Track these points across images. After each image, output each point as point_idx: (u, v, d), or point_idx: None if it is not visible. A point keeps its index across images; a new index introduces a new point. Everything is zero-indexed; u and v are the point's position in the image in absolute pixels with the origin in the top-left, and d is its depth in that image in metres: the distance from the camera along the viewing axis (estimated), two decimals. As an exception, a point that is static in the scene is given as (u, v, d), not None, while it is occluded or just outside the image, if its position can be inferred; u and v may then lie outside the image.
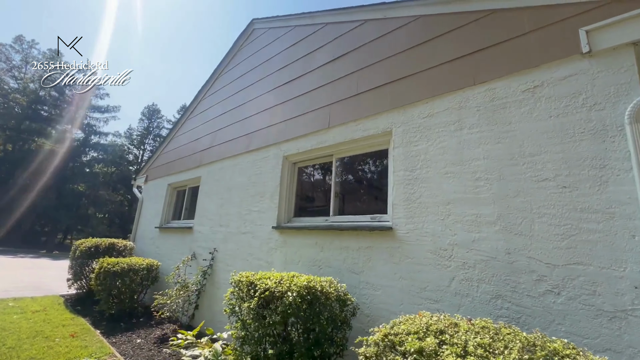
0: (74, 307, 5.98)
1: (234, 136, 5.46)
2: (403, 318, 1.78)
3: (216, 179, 5.57)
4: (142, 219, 7.90)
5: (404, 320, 1.72)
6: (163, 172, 7.54)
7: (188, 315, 4.88)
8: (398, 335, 1.56)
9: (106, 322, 5.11)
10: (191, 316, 4.89)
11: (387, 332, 1.60)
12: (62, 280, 7.98)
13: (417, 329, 1.57)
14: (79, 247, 6.60)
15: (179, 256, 5.89)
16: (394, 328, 1.65)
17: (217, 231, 5.13)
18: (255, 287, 2.59)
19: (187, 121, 7.36)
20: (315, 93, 4.16)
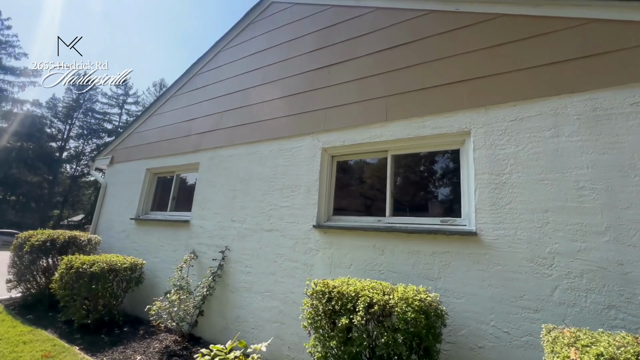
0: (24, 315, 4.81)
1: (249, 120, 4.83)
2: (585, 335, 1.63)
3: (224, 167, 4.89)
4: (107, 208, 6.69)
5: (590, 340, 1.58)
6: (139, 155, 6.45)
7: (190, 323, 4.22)
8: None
9: (81, 335, 4.19)
10: (193, 324, 4.24)
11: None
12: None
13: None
14: (29, 240, 5.31)
15: (169, 254, 5.09)
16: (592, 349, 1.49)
17: (228, 227, 4.52)
18: (355, 299, 2.24)
19: (173, 98, 6.37)
20: (365, 82, 3.84)
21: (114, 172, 6.94)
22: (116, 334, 4.32)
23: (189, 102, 5.93)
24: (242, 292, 4.09)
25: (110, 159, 7.05)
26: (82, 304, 4.41)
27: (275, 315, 3.73)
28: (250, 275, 4.09)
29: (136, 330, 4.50)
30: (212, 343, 4.06)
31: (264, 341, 3.62)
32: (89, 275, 4.34)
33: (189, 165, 5.55)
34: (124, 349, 3.85)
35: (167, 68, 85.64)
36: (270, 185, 4.28)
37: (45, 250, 5.26)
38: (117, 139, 7.20)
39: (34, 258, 5.27)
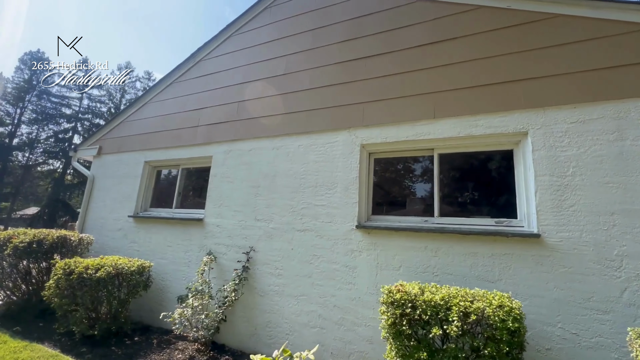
0: (9, 327, 4.24)
1: (272, 111, 4.52)
2: None
3: (244, 162, 4.55)
4: (97, 203, 6.05)
5: None
6: (135, 145, 5.86)
7: (204, 329, 3.89)
8: None
9: (88, 348, 3.75)
10: (215, 330, 3.93)
11: None
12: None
13: None
14: (10, 242, 4.66)
15: (180, 255, 4.70)
16: None
17: (252, 226, 4.23)
18: (445, 308, 2.12)
19: (175, 85, 5.83)
20: (409, 76, 3.69)
21: (103, 164, 6.28)
22: (127, 345, 3.92)
23: (196, 90, 5.45)
24: (273, 296, 3.85)
25: (97, 150, 6.36)
26: (85, 313, 3.95)
27: (314, 320, 3.55)
28: (281, 278, 3.86)
29: (149, 340, 4.11)
30: (240, 351, 3.82)
31: (302, 347, 3.45)
32: (95, 281, 3.88)
33: (198, 158, 5.12)
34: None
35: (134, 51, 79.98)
36: (301, 182, 4.04)
37: (31, 252, 4.64)
38: (105, 128, 6.51)
39: (17, 262, 4.63)
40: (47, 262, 4.87)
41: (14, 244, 4.58)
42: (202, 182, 5.46)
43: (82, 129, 36.05)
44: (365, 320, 3.29)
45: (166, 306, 4.61)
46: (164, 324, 4.51)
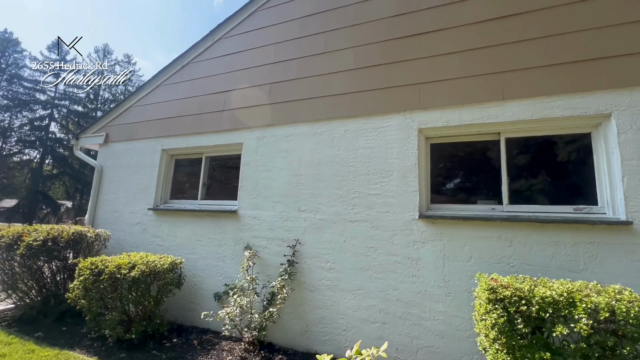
0: (29, 333, 3.88)
1: (311, 94, 4.18)
2: None
3: (282, 149, 4.23)
4: (108, 196, 5.59)
5: None
6: (149, 132, 5.40)
7: (254, 328, 3.66)
8: None
9: (126, 353, 3.47)
10: (260, 328, 3.68)
11: None
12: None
13: None
14: (22, 240, 4.21)
15: (212, 249, 4.39)
16: None
17: (296, 217, 3.96)
18: (568, 304, 1.96)
19: (192, 65, 5.34)
20: (471, 55, 3.43)
21: (111, 152, 5.78)
22: (168, 348, 3.64)
23: (219, 70, 5.01)
24: (325, 291, 3.64)
25: (104, 137, 5.83)
26: (120, 316, 3.62)
27: (374, 315, 3.37)
28: (333, 272, 3.64)
29: (189, 341, 3.84)
30: (291, 349, 3.63)
31: (362, 343, 3.28)
32: (130, 281, 3.54)
33: (225, 146, 4.75)
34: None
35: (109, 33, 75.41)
36: (350, 170, 3.77)
37: (47, 251, 4.22)
38: (111, 113, 5.96)
39: (32, 262, 4.20)
40: (61, 261, 4.47)
41: (27, 242, 4.14)
42: (228, 171, 5.11)
43: (59, 116, 34.02)
44: (433, 314, 3.13)
45: (200, 304, 4.34)
46: (199, 323, 4.25)
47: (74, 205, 32.69)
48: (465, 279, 3.07)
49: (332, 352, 3.48)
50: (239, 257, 4.21)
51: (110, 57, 39.23)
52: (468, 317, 3.00)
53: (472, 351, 2.95)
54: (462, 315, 3.03)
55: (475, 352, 2.94)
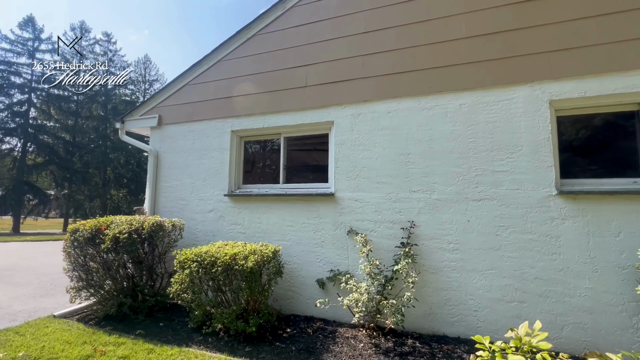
0: (130, 332, 3.62)
1: (416, 65, 3.89)
2: None
3: (383, 127, 3.97)
4: (168, 183, 5.21)
5: None
6: (215, 112, 4.98)
7: (370, 313, 3.54)
8: None
9: (252, 347, 3.30)
10: (374, 313, 3.56)
11: None
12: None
13: None
14: (104, 234, 3.87)
15: (308, 235, 4.19)
16: None
17: (407, 198, 3.77)
18: None
19: (258, 37, 4.87)
20: (608, 20, 3.22)
21: (167, 136, 5.34)
22: (288, 339, 3.47)
23: (295, 42, 4.59)
24: (449, 272, 3.53)
25: (157, 119, 5.36)
26: (238, 310, 3.41)
27: (510, 294, 3.29)
28: (457, 253, 3.52)
29: (303, 330, 3.68)
30: (415, 332, 3.54)
31: (496, 322, 3.25)
32: (249, 272, 3.31)
33: (310, 125, 4.43)
34: (334, 358, 3.07)
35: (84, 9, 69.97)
36: (470, 146, 3.58)
37: (131, 244, 3.89)
38: (162, 93, 5.46)
39: (120, 257, 3.87)
40: (144, 254, 4.16)
41: (112, 235, 3.80)
42: (308, 152, 4.81)
43: (39, 101, 31.75)
44: (579, 290, 3.08)
45: (298, 291, 4.16)
46: (300, 310, 4.11)
47: (65, 195, 31.24)
48: (614, 254, 3.01)
49: (463, 333, 3.42)
50: (341, 242, 4.02)
51: (88, 35, 36.47)
52: (619, 293, 2.96)
53: (625, 325, 2.93)
54: (613, 290, 2.98)
55: (629, 326, 2.92)
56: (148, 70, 44.68)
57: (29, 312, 4.29)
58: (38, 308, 4.46)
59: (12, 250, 11.19)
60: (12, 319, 4.03)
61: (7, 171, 28.80)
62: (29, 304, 4.67)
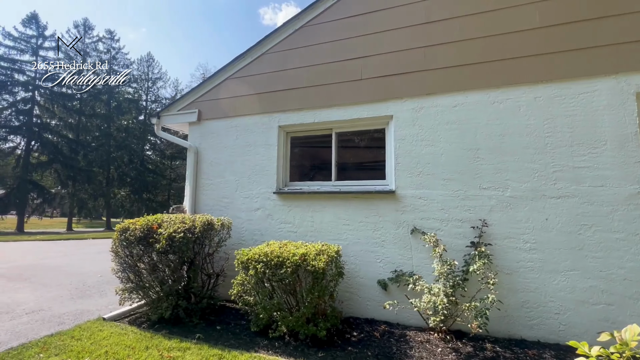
0: (189, 336, 3.44)
1: (483, 58, 3.72)
2: None
3: (448, 121, 3.80)
4: (210, 180, 5.03)
5: None
6: (260, 107, 4.80)
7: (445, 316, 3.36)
8: None
9: (326, 352, 3.10)
10: (450, 316, 3.37)
11: None
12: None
13: None
14: (157, 233, 3.68)
15: (367, 234, 4.03)
16: None
17: (476, 196, 3.61)
18: None
19: (306, 29, 4.69)
20: None
21: (207, 131, 5.15)
22: (359, 343, 3.30)
23: (348, 34, 4.41)
24: (525, 273, 3.37)
25: (196, 114, 5.17)
26: (308, 312, 3.23)
27: (595, 296, 3.13)
28: (535, 253, 3.35)
29: (370, 335, 3.51)
30: (492, 337, 3.37)
31: (580, 325, 3.09)
32: (320, 273, 3.14)
33: (366, 120, 4.25)
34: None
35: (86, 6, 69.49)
36: (546, 141, 3.42)
37: (186, 243, 3.71)
38: (201, 88, 5.27)
39: (176, 256, 3.69)
40: (196, 254, 3.99)
41: (167, 235, 3.62)
42: (361, 148, 4.64)
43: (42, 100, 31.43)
44: (675, 292, 2.92)
45: (356, 292, 4.00)
46: (360, 313, 3.95)
47: (69, 193, 30.95)
48: None
49: (543, 337, 3.27)
50: (403, 242, 3.85)
51: (92, 33, 36.14)
52: None
53: None
54: None
55: None
56: (151, 68, 44.44)
57: (73, 314, 4.11)
58: (81, 310, 4.27)
59: (26, 249, 10.98)
60: (59, 322, 3.84)
61: (11, 170, 28.49)
62: (69, 305, 4.49)
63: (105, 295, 5.01)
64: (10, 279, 6.10)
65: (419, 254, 3.76)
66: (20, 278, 6.17)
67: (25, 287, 5.45)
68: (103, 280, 6.10)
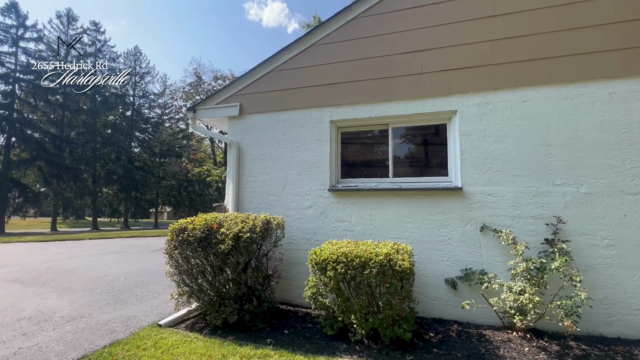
0: (259, 342, 3.27)
1: (553, 53, 3.67)
2: None
3: (518, 117, 3.74)
4: (254, 177, 4.81)
5: None
6: (311, 101, 4.61)
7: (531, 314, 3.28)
8: None
9: (414, 356, 2.99)
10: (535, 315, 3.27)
11: None
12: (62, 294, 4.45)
13: None
14: (229, 231, 3.47)
15: (432, 232, 3.94)
16: None
17: (549, 192, 3.56)
18: None
19: (360, 20, 4.52)
20: None
21: (250, 126, 4.92)
22: (439, 344, 3.20)
23: (407, 26, 4.28)
24: (603, 270, 3.36)
25: (238, 108, 4.93)
26: (394, 315, 3.11)
27: (677, 292, 3.15)
28: (613, 249, 3.35)
29: (446, 335, 3.42)
30: (571, 335, 3.34)
31: None
32: (407, 273, 3.03)
33: (427, 115, 4.14)
34: (512, 363, 2.83)
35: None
36: (623, 137, 3.41)
37: (251, 243, 3.51)
38: (243, 80, 5.02)
39: (242, 257, 3.48)
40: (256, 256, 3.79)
41: (231, 235, 3.40)
42: (416, 144, 4.53)
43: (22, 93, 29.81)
44: None
45: (421, 292, 3.91)
46: (428, 312, 3.90)
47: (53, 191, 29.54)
48: None
49: (623, 333, 3.27)
50: (472, 239, 3.78)
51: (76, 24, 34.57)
52: None
53: None
54: None
55: None
56: (138, 63, 43.05)
57: (120, 321, 3.83)
58: (127, 316, 4.00)
59: (22, 251, 10.36)
60: (108, 330, 3.57)
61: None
62: (110, 311, 4.19)
63: (144, 300, 4.72)
64: (26, 283, 5.69)
65: (489, 252, 3.70)
66: (37, 282, 5.76)
67: (50, 292, 5.08)
68: (130, 283, 5.78)
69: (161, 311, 4.20)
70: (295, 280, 4.36)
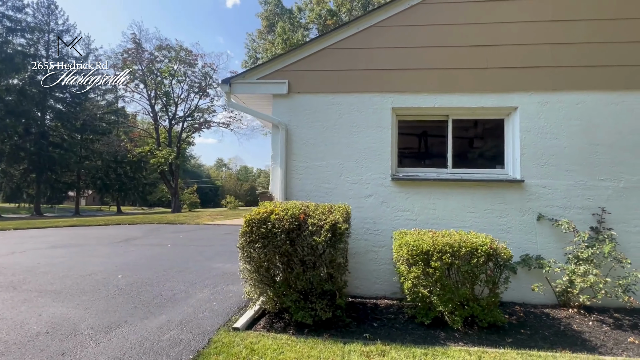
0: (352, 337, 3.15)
1: (606, 62, 4.09)
2: None
3: (572, 117, 4.11)
4: (305, 163, 4.45)
5: None
6: (372, 85, 4.39)
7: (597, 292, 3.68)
8: None
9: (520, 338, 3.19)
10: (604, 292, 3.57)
11: None
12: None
13: None
14: (323, 223, 3.18)
15: (492, 220, 4.20)
16: None
17: (595, 186, 4.05)
18: None
19: (425, 5, 4.41)
20: None
21: (299, 106, 4.51)
22: (518, 325, 3.46)
23: (474, 18, 4.29)
24: (635, 252, 3.96)
25: (286, 86, 4.46)
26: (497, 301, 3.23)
27: (689, 269, 3.89)
28: (651, 236, 3.97)
29: (519, 316, 3.70)
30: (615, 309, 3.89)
31: None
32: (508, 262, 3.17)
33: (488, 109, 4.30)
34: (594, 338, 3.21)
35: None
36: (655, 141, 4.01)
37: (342, 234, 3.28)
38: (292, 54, 4.53)
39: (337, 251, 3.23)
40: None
41: (328, 227, 3.13)
42: (472, 136, 4.69)
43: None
44: None
45: (481, 278, 4.13)
46: (488, 297, 4.09)
47: None
48: None
49: (650, 305, 3.92)
50: (528, 228, 4.12)
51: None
52: None
53: None
54: None
55: None
56: (53, 18, 35.95)
57: (176, 328, 3.26)
58: (179, 321, 3.42)
59: None
60: (171, 339, 3.01)
61: None
62: (150, 317, 3.54)
63: (178, 301, 4.09)
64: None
65: (543, 239, 4.08)
66: (6, 288, 4.55)
67: (38, 298, 4.07)
68: (133, 281, 4.94)
69: (214, 313, 3.70)
70: (354, 271, 4.23)
